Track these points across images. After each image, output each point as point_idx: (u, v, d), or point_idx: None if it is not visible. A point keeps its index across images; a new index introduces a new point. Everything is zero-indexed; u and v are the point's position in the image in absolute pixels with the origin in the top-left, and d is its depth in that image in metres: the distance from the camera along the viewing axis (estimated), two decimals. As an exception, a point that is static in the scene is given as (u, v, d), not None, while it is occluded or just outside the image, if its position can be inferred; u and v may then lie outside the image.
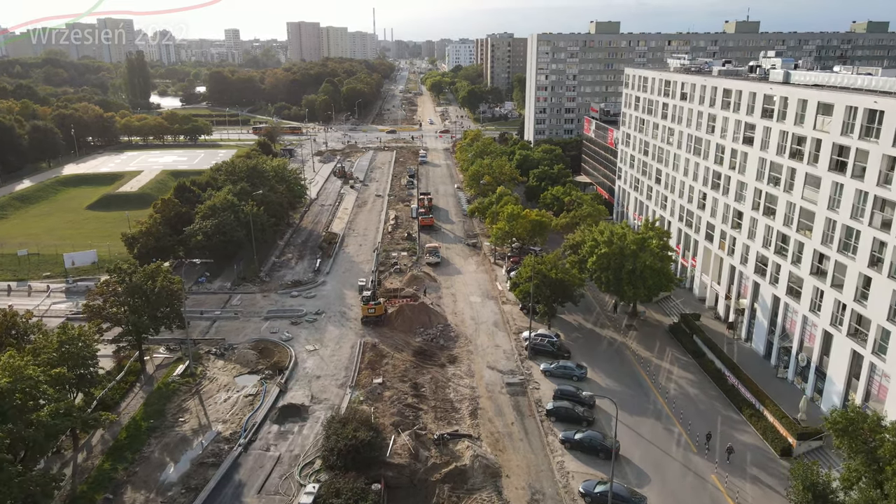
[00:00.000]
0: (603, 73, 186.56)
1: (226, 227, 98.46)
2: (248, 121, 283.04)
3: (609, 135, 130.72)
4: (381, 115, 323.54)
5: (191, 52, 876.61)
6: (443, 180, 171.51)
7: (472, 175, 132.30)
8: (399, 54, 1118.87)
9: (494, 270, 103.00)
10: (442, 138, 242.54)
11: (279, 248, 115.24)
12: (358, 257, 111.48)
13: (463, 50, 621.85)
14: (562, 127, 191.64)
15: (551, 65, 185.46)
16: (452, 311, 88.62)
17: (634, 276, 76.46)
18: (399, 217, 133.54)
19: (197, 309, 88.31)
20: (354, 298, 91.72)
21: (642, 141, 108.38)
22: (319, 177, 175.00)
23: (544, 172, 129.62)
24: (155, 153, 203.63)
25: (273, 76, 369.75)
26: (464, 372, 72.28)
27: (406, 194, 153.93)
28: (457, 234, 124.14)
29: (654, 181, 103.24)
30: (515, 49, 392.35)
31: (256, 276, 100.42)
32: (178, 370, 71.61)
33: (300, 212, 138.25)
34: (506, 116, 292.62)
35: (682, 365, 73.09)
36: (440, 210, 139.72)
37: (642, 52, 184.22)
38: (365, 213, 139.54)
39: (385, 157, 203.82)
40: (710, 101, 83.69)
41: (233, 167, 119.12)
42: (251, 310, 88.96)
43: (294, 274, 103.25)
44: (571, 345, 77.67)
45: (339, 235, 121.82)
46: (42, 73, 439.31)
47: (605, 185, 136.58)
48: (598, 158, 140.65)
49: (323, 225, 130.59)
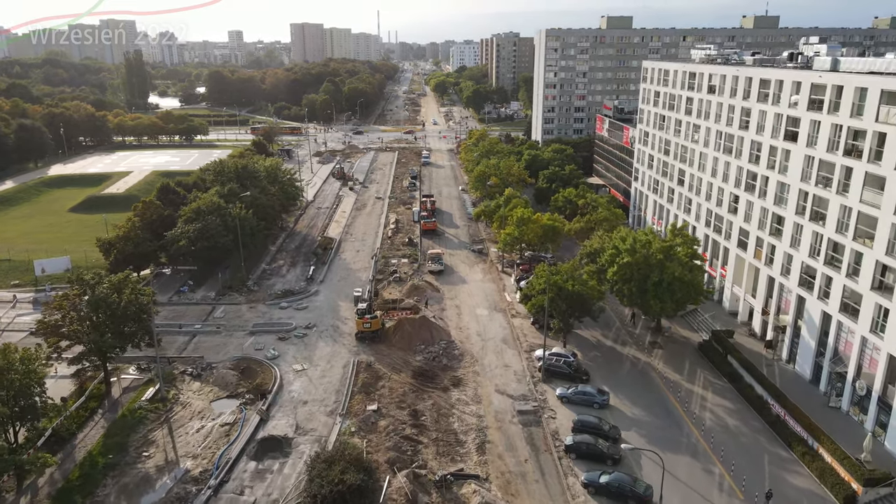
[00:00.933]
0: (615, 70, 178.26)
1: (210, 232, 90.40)
2: (248, 121, 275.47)
3: (624, 133, 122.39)
4: (384, 115, 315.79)
5: (194, 53, 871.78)
6: (447, 182, 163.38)
7: (477, 176, 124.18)
8: (403, 56, 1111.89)
9: (502, 279, 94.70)
10: (446, 139, 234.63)
11: (270, 254, 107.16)
12: (355, 264, 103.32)
13: (467, 51, 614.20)
14: (571, 126, 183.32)
15: (561, 61, 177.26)
16: (457, 325, 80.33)
17: (661, 288, 68.03)
18: (400, 221, 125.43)
19: (175, 322, 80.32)
20: (349, 310, 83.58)
21: (662, 139, 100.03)
22: (317, 178, 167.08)
23: (555, 174, 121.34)
24: (147, 153, 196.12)
25: (273, 76, 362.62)
26: (469, 397, 63.96)
27: (408, 197, 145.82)
28: (461, 239, 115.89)
29: (676, 183, 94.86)
30: (521, 49, 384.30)
31: (243, 284, 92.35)
32: (148, 394, 63.50)
33: (295, 215, 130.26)
34: (511, 117, 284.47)
35: (716, 390, 64.59)
36: (444, 213, 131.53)
37: (656, 49, 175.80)
38: (364, 217, 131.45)
39: (386, 158, 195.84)
40: (743, 93, 75.29)
41: (221, 167, 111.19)
42: (235, 323, 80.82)
43: (285, 283, 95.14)
44: (590, 365, 69.25)
45: (335, 240, 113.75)
46: (41, 73, 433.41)
47: (619, 187, 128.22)
48: (612, 159, 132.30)
49: (319, 229, 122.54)
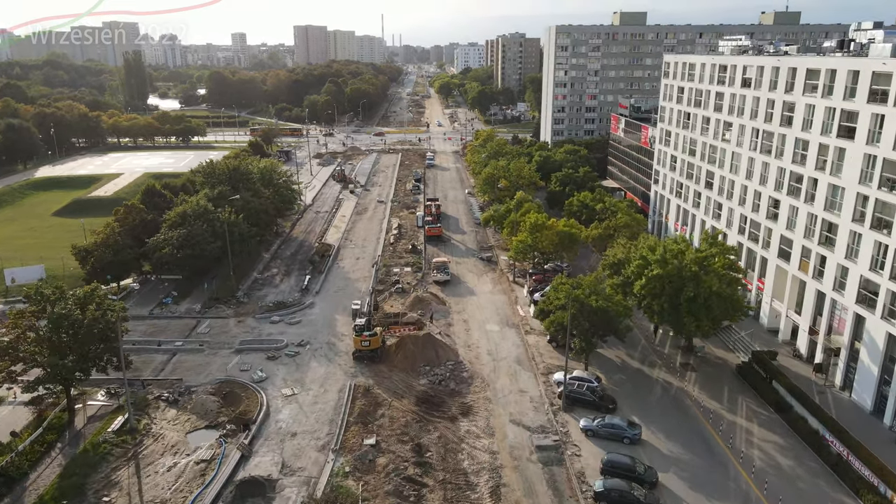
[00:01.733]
0: (628, 68, 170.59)
1: (196, 239, 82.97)
2: (247, 122, 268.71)
3: (642, 133, 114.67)
4: (387, 117, 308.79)
5: (197, 55, 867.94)
6: (452, 185, 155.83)
7: (485, 179, 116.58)
8: (407, 59, 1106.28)
9: (514, 291, 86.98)
10: (451, 140, 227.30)
11: (263, 261, 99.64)
12: (354, 273, 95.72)
13: (472, 53, 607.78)
14: (582, 127, 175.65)
15: (571, 59, 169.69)
16: (465, 343, 72.60)
17: (696, 304, 60.19)
18: (403, 226, 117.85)
19: (154, 339, 72.75)
20: (346, 325, 75.98)
21: (687, 138, 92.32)
22: (317, 181, 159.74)
23: (568, 176, 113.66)
24: (142, 155, 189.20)
25: (275, 77, 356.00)
26: (481, 428, 56.21)
27: (411, 200, 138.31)
28: (469, 246, 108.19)
29: (703, 186, 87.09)
30: (527, 49, 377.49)
31: (232, 296, 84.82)
32: (116, 424, 55.88)
33: (292, 219, 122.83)
34: (518, 118, 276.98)
35: (763, 422, 56.70)
36: (449, 218, 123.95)
37: (670, 46, 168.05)
38: (364, 222, 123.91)
39: (389, 160, 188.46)
40: (786, 85, 67.52)
41: (212, 168, 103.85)
42: (220, 340, 73.21)
43: (278, 293, 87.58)
44: (616, 391, 61.45)
45: (333, 247, 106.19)
46: (41, 74, 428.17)
47: (636, 190, 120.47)
48: (629, 160, 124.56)
49: (316, 235, 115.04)
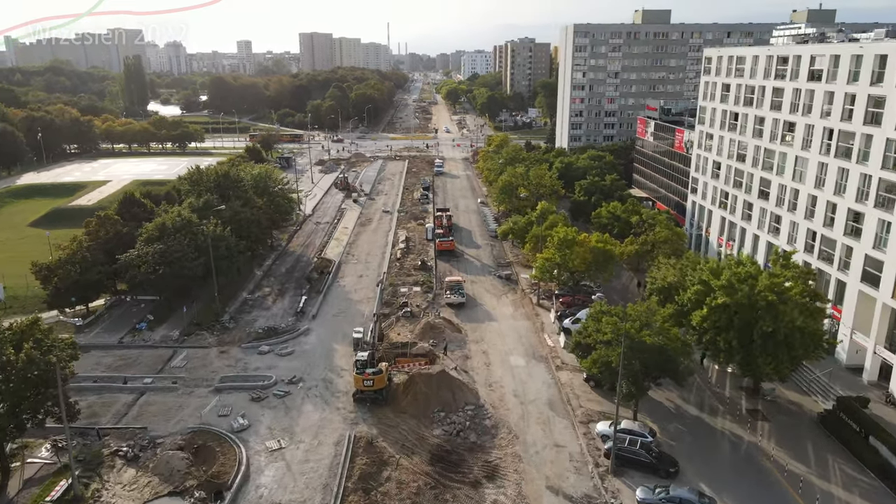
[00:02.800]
0: (650, 69, 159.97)
1: (175, 255, 72.27)
2: (248, 128, 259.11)
3: (676, 137, 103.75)
4: (393, 123, 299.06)
5: (203, 63, 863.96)
6: (463, 194, 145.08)
7: (502, 187, 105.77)
8: (413, 67, 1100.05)
9: (539, 315, 75.89)
10: (460, 147, 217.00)
11: (255, 279, 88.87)
12: (356, 293, 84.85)
13: (479, 60, 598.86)
14: (601, 132, 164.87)
15: (590, 60, 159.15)
16: (486, 380, 61.51)
17: (775, 341, 49.03)
18: (411, 239, 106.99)
19: (121, 374, 61.90)
20: (346, 357, 65.09)
21: (735, 142, 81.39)
22: (318, 189, 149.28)
23: (594, 184, 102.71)
24: (134, 161, 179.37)
25: (278, 83, 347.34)
26: (511, 498, 45.04)
27: (420, 210, 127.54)
28: (484, 261, 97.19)
29: (756, 195, 76.03)
30: (537, 55, 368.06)
31: (216, 320, 74.05)
32: (58, 490, 44.98)
33: (289, 231, 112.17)
34: (529, 124, 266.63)
35: (865, 491, 45.32)
36: (462, 230, 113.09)
37: (696, 46, 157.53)
38: (369, 234, 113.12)
39: (395, 168, 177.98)
40: (872, 76, 56.52)
41: (199, 175, 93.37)
42: (198, 375, 62.34)
43: (269, 317, 76.74)
44: (674, 447, 50.21)
45: (333, 263, 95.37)
46: (43, 80, 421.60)
47: (668, 200, 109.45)
48: (659, 167, 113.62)
49: (315, 248, 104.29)
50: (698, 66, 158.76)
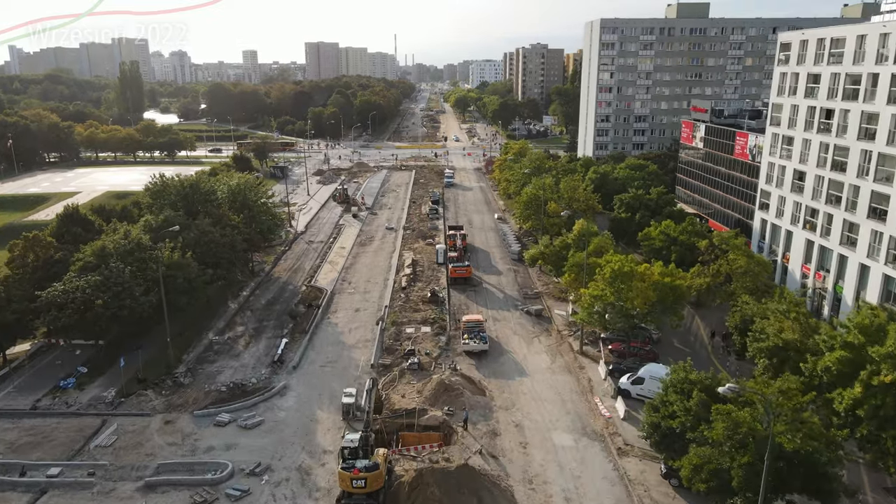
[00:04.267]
0: (686, 69, 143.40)
1: (115, 289, 55.82)
2: (246, 136, 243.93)
3: (738, 142, 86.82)
4: (399, 131, 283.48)
5: (208, 73, 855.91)
6: (477, 208, 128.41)
7: (526, 201, 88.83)
8: (420, 77, 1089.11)
9: (584, 368, 58.86)
10: (471, 156, 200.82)
11: (227, 315, 72.23)
12: (350, 334, 68.04)
13: (488, 68, 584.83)
14: (630, 140, 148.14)
15: (619, 59, 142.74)
16: (523, 471, 44.37)
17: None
18: (418, 262, 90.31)
19: (18, 462, 45.05)
20: (333, 431, 48.42)
21: (828, 146, 64.42)
22: (314, 202, 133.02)
23: (637, 198, 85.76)
24: (114, 170, 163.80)
25: (280, 90, 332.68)
26: None
27: (428, 228, 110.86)
28: (508, 292, 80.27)
29: (864, 213, 58.93)
30: (550, 61, 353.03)
31: (169, 373, 57.38)
32: None
33: (276, 252, 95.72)
34: (545, 133, 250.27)
35: None
36: (478, 252, 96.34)
37: (738, 43, 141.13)
38: (369, 256, 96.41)
39: (401, 178, 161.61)
40: None
41: (162, 186, 77.06)
42: (127, 460, 45.44)
43: (237, 368, 60.01)
44: None
45: (325, 293, 78.74)
46: (41, 89, 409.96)
47: (725, 217, 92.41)
48: (713, 178, 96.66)
49: (305, 273, 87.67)
50: (738, 66, 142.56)
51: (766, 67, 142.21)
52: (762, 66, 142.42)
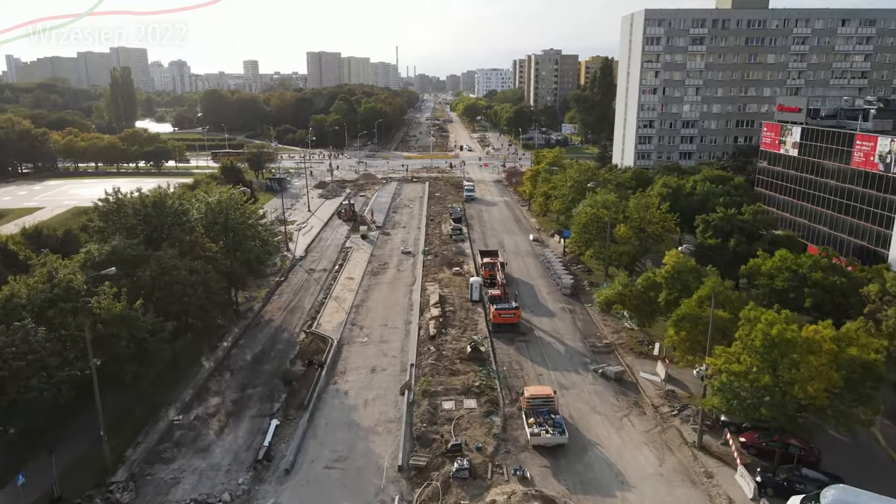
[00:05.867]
0: (742, 67, 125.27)
1: (18, 362, 37.22)
2: (242, 146, 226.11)
3: (860, 148, 68.26)
4: (406, 141, 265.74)
5: (208, 83, 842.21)
6: (506, 227, 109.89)
7: (584, 223, 69.81)
8: (422, 88, 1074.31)
9: (711, 474, 39.93)
10: (488, 167, 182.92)
11: (197, 380, 53.39)
12: (365, 410, 49.20)
13: (494, 77, 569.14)
14: (677, 148, 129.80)
15: (665, 56, 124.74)
16: None
17: None
18: (447, 299, 71.63)
19: None
20: None
21: None
22: (316, 219, 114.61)
23: (728, 219, 66.98)
24: (91, 182, 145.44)
25: (280, 97, 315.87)
26: None
27: (453, 252, 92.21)
28: (569, 342, 61.33)
29: None
30: (563, 68, 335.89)
31: (101, 487, 38.67)
32: None
33: (269, 284, 77.17)
34: (564, 142, 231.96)
35: None
36: (518, 284, 77.68)
37: (802, 37, 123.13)
38: (384, 289, 77.64)
39: (413, 191, 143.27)
40: None
41: (116, 205, 58.44)
42: None
43: (203, 473, 41.18)
44: None
45: (330, 343, 59.96)
46: (32, 97, 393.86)
47: (838, 243, 73.67)
48: (816, 194, 78.05)
49: (304, 315, 68.96)
50: (801, 63, 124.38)
51: (833, 65, 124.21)
52: (829, 63, 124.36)
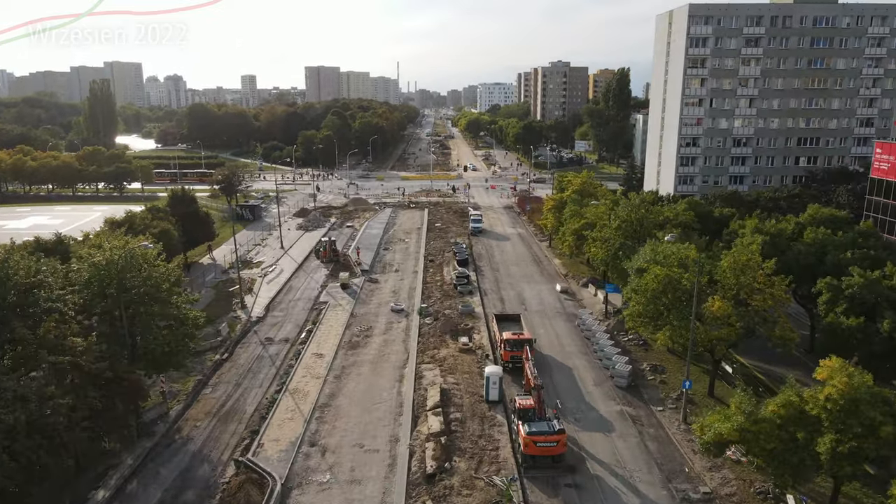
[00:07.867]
0: (805, 74, 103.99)
1: None
2: (223, 164, 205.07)
3: None
4: (405, 159, 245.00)
5: (205, 98, 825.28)
6: (523, 271, 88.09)
7: (653, 291, 47.22)
8: (423, 103, 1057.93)
9: None
10: (496, 189, 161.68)
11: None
12: None
13: (497, 91, 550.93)
14: (726, 171, 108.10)
15: (713, 61, 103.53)
16: None
17: None
18: (452, 397, 49.54)
19: None
20: None
21: None
22: (288, 259, 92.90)
23: (870, 287, 44.95)
24: (29, 209, 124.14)
25: (270, 112, 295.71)
26: None
27: (458, 313, 70.04)
28: (643, 487, 39.04)
29: None
30: (572, 81, 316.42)
31: None
32: None
33: (201, 370, 55.19)
34: (578, 161, 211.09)
35: None
36: (550, 366, 55.62)
37: (877, 39, 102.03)
38: (364, 375, 55.35)
39: (410, 221, 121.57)
40: None
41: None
42: None
43: None
44: None
45: (270, 488, 37.64)
46: (14, 112, 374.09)
47: None
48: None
49: (243, 425, 46.80)
50: (878, 69, 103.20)
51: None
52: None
